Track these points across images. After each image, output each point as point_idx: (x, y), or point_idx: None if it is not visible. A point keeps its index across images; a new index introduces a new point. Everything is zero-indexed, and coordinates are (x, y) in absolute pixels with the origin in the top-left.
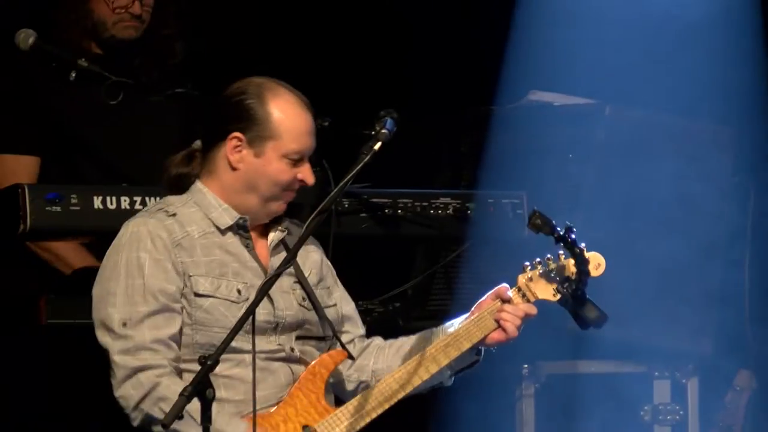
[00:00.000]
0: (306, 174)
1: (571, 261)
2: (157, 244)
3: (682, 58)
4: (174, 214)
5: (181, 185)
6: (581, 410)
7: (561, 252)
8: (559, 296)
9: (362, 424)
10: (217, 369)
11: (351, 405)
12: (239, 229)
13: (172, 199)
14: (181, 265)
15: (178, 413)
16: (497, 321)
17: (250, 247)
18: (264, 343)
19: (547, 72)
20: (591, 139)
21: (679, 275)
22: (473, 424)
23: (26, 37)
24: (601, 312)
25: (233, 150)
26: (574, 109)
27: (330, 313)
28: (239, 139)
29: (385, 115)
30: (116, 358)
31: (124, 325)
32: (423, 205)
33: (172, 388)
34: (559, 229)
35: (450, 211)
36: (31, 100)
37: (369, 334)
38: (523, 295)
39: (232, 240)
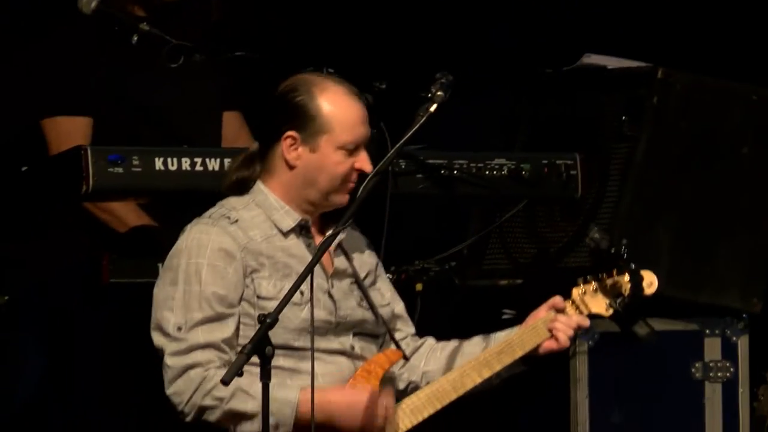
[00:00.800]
0: (363, 162)
1: (625, 278)
2: (217, 251)
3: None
4: (236, 221)
5: (242, 189)
6: (633, 367)
7: (615, 268)
8: (611, 311)
9: (414, 422)
10: (283, 363)
11: (404, 404)
12: (301, 230)
13: (234, 202)
14: (245, 269)
15: (237, 370)
16: (550, 330)
17: (312, 248)
18: (324, 342)
19: (601, 35)
20: (644, 101)
21: (729, 235)
22: (526, 381)
23: (89, 1)
24: (651, 329)
25: (289, 149)
26: (627, 72)
27: (384, 312)
28: (294, 138)
29: (440, 78)
30: (168, 360)
31: (179, 329)
32: (478, 166)
33: (221, 375)
34: (615, 248)
35: (505, 172)
36: (87, 63)
37: (426, 293)
38: (577, 308)
39: (295, 242)
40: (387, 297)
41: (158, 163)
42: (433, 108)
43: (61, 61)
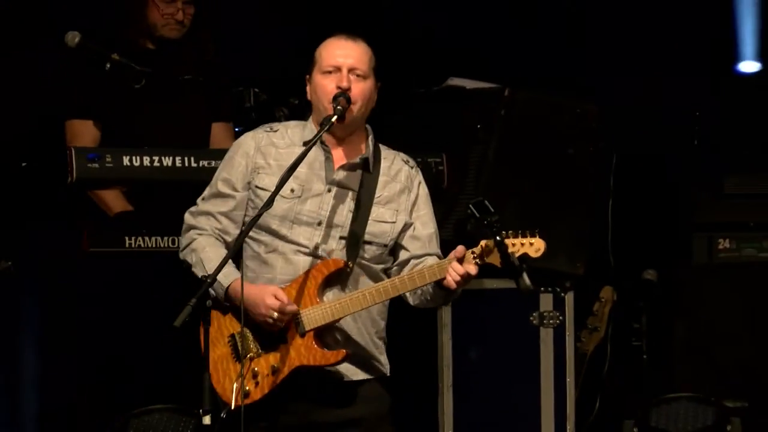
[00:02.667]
0: (340, 80)
1: (518, 241)
2: (241, 147)
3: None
4: (276, 130)
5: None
6: (486, 316)
7: (512, 232)
8: (501, 266)
9: (335, 317)
10: (258, 250)
11: (335, 302)
12: (320, 143)
13: (292, 122)
14: (254, 165)
15: (185, 318)
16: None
17: (328, 160)
18: (303, 234)
19: (463, 60)
20: (494, 114)
21: (559, 216)
22: (400, 331)
23: (73, 38)
24: (528, 284)
25: (307, 89)
26: (481, 91)
27: (381, 227)
28: (307, 80)
29: (339, 95)
30: (185, 215)
31: (203, 199)
32: None
33: (202, 243)
34: (485, 221)
35: None
36: (94, 79)
37: None
38: (475, 258)
39: (315, 152)
40: (402, 219)
41: (126, 160)
42: (334, 119)
43: (77, 73)
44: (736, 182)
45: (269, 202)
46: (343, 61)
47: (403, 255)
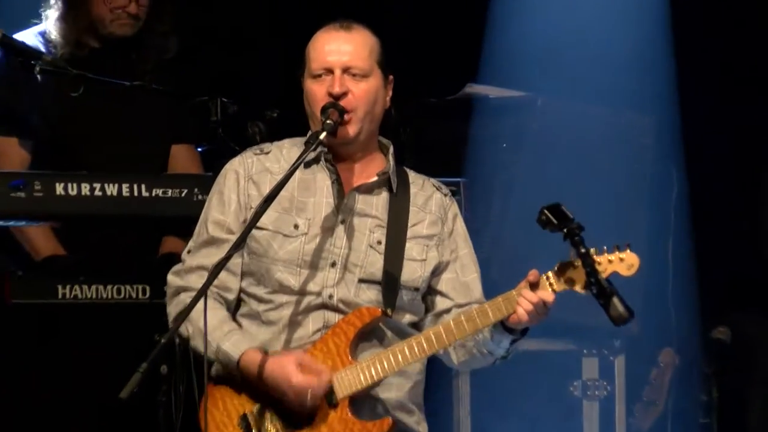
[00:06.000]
0: (331, 85)
1: (605, 259)
2: (229, 178)
3: (610, 58)
4: (268, 152)
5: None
6: (516, 386)
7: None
8: (584, 291)
9: (374, 379)
10: (258, 308)
11: (371, 359)
12: (326, 162)
13: (286, 141)
14: (248, 198)
15: (133, 389)
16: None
17: (337, 183)
18: (315, 280)
19: (484, 66)
20: (524, 129)
21: None
22: None
23: None
24: (622, 312)
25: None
26: (508, 101)
27: (410, 266)
28: (300, 82)
29: (329, 106)
30: (168, 277)
31: (188, 252)
32: None
33: (199, 309)
34: (565, 229)
35: None
36: (18, 90)
37: None
38: (551, 284)
39: (319, 175)
40: (429, 255)
41: (59, 189)
42: (322, 136)
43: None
44: None
45: (237, 244)
46: (335, 60)
47: (441, 304)
